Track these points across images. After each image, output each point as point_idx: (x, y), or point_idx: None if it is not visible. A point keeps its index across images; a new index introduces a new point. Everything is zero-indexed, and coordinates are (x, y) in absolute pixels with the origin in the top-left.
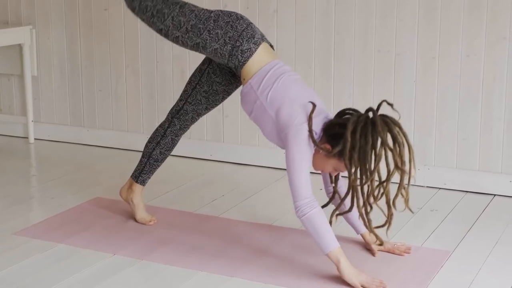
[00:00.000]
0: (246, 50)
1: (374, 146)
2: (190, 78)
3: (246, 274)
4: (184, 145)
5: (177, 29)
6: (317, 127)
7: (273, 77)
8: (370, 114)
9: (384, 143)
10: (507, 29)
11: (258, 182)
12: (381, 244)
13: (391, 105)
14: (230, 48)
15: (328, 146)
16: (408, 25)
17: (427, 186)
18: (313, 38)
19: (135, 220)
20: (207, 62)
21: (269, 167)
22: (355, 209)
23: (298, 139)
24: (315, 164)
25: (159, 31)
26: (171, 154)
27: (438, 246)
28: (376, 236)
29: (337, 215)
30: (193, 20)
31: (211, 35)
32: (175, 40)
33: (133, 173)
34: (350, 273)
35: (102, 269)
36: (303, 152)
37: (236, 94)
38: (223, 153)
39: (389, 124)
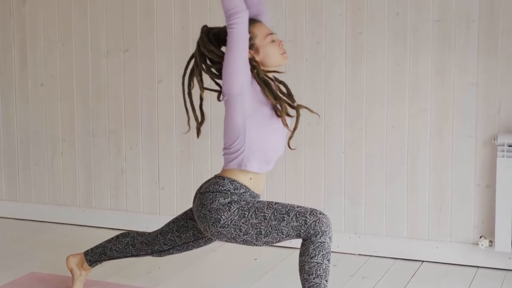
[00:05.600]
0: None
1: None
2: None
3: None
4: (120, 217)
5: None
6: None
7: None
8: None
9: None
10: (428, 101)
11: (193, 253)
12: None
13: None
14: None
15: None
16: (336, 99)
17: (358, 254)
18: None
19: None
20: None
21: None
22: None
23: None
24: (274, 59)
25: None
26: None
27: None
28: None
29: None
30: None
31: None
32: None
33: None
34: None
35: None
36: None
37: (166, 163)
38: (159, 225)
39: None
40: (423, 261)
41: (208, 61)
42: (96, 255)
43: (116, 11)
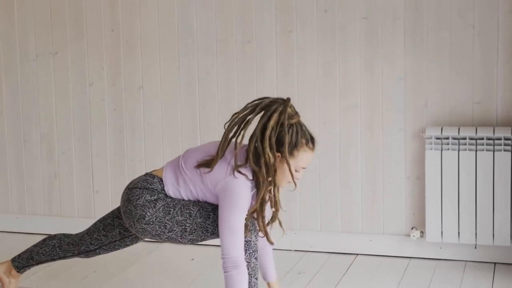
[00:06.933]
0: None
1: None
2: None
3: None
4: (55, 222)
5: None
6: (247, 172)
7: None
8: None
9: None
10: (358, 96)
11: (130, 255)
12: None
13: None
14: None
15: (278, 154)
16: (266, 95)
17: (294, 250)
18: (179, 113)
19: None
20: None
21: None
22: (269, 257)
23: (232, 191)
24: (282, 180)
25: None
26: (45, 234)
27: None
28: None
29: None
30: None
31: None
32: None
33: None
34: None
35: None
36: (240, 206)
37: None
38: None
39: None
40: (357, 254)
41: (261, 134)
42: (23, 261)
43: (44, 14)
